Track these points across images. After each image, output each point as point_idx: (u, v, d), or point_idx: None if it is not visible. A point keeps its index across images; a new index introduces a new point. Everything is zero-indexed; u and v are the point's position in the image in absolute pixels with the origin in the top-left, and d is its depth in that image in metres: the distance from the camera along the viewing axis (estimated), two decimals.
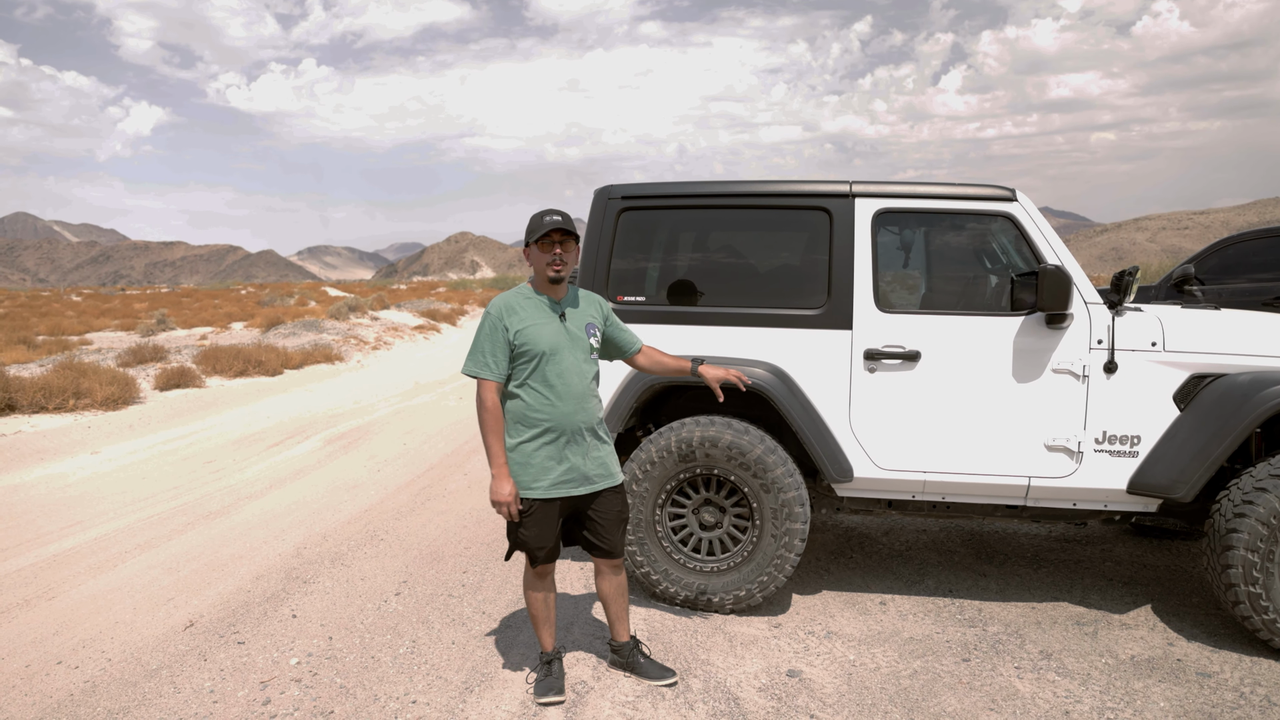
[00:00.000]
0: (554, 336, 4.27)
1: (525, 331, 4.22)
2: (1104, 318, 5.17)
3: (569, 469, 4.29)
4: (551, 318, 4.31)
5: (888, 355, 5.31)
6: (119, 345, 22.26)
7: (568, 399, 4.26)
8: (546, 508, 4.30)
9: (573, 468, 4.30)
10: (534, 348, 4.22)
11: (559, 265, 4.25)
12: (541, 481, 4.25)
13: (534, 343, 4.22)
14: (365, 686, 4.60)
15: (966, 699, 4.46)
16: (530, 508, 4.28)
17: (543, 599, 4.53)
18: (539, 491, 4.25)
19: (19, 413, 12.59)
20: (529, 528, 4.29)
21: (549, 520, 4.32)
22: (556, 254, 4.24)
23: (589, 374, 4.39)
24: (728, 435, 5.30)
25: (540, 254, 4.26)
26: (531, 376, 4.25)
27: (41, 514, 7.97)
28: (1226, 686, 4.58)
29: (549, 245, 4.24)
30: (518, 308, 4.29)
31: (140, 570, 6.40)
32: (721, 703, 4.42)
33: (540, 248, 4.25)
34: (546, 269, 4.25)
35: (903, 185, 5.46)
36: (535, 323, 4.26)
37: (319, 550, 6.84)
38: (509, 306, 4.28)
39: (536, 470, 4.25)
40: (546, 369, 4.24)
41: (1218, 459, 4.86)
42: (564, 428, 4.26)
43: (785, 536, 5.30)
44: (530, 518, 4.28)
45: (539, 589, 4.51)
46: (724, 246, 6.08)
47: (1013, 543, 7.02)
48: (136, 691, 4.57)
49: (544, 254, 4.25)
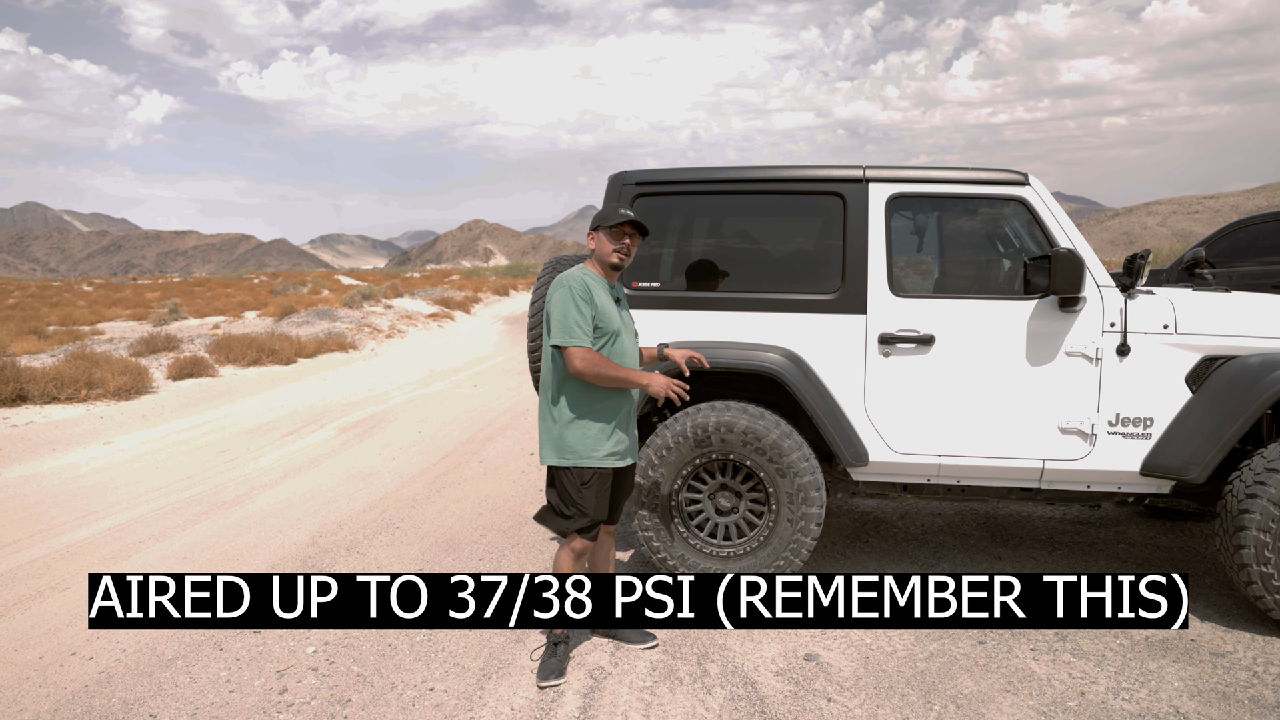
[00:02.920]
0: (617, 317, 4.52)
1: (603, 308, 4.45)
2: (1116, 301, 5.16)
3: (617, 442, 4.54)
4: (612, 300, 4.56)
5: (902, 339, 5.31)
6: (131, 335, 22.33)
7: None
8: (602, 478, 4.53)
9: (620, 441, 4.56)
10: (607, 326, 4.45)
11: (624, 254, 4.55)
12: (598, 451, 4.48)
13: (607, 321, 4.45)
14: (382, 674, 4.62)
15: (983, 680, 4.47)
16: (590, 477, 4.49)
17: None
18: (596, 460, 4.47)
19: (31, 403, 12.65)
20: (589, 498, 4.49)
21: (604, 489, 4.55)
22: (625, 243, 4.53)
23: (637, 355, 4.69)
24: (743, 420, 5.31)
25: (608, 240, 4.52)
26: (604, 352, 4.46)
27: (54, 505, 8.01)
28: (1240, 666, 4.59)
29: (619, 234, 4.52)
30: (594, 287, 4.47)
31: (154, 561, 6.43)
32: (739, 687, 4.43)
33: (610, 234, 4.52)
34: (612, 254, 4.53)
35: (916, 170, 5.45)
36: (606, 302, 4.48)
37: (334, 539, 6.86)
38: (587, 284, 4.46)
39: (594, 441, 4.48)
40: (615, 347, 4.49)
41: (1230, 440, 4.86)
42: (621, 404, 4.54)
43: (801, 521, 5.30)
44: (589, 487, 4.49)
45: (574, 567, 4.61)
46: (738, 232, 6.08)
47: (1027, 525, 7.03)
48: (152, 682, 4.60)
49: (613, 241, 4.52)
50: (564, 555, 4.57)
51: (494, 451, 9.98)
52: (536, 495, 8.03)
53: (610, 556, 5.00)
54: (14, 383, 12.52)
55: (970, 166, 5.45)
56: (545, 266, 5.93)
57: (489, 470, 9.07)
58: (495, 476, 8.80)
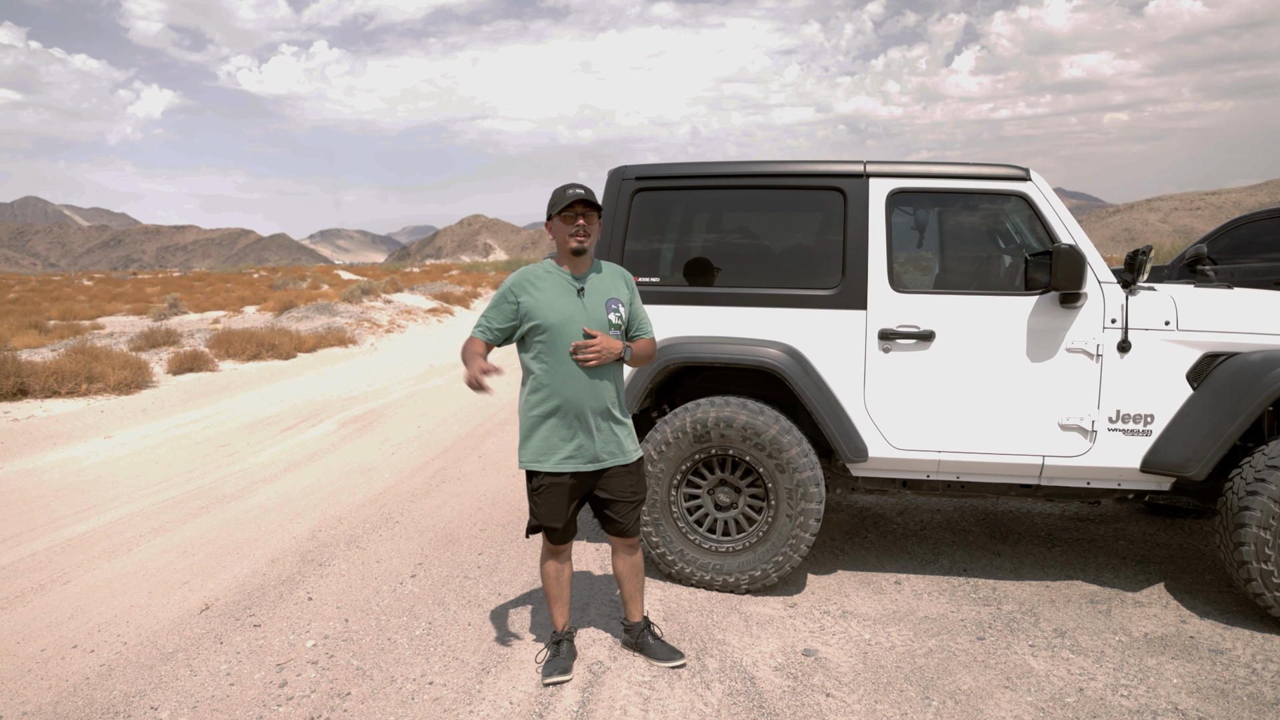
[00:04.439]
0: (567, 311, 4.25)
1: (536, 306, 4.24)
2: (1118, 297, 5.16)
3: (577, 447, 4.31)
4: (568, 292, 4.30)
5: (902, 335, 5.31)
6: (131, 329, 22.32)
7: (579, 376, 4.25)
8: (556, 483, 4.32)
9: (581, 446, 4.32)
10: (542, 322, 4.23)
11: (582, 236, 4.24)
12: (550, 456, 4.29)
13: (543, 317, 4.23)
14: (382, 668, 4.63)
15: (981, 677, 4.47)
16: (541, 483, 4.33)
17: (556, 576, 4.57)
18: (546, 465, 4.29)
19: (31, 397, 12.65)
20: (540, 503, 4.35)
21: (559, 496, 4.34)
22: (580, 225, 4.23)
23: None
24: (742, 416, 5.31)
25: (563, 226, 4.25)
26: (544, 350, 4.27)
27: (55, 498, 8.01)
28: (1239, 663, 4.59)
29: (572, 217, 4.23)
30: (534, 280, 4.30)
31: (155, 554, 6.43)
32: (737, 682, 4.43)
33: (563, 220, 4.24)
34: (570, 240, 4.24)
35: (917, 165, 5.45)
36: (550, 297, 4.26)
37: (334, 533, 6.87)
38: (526, 278, 4.32)
39: (543, 445, 4.30)
40: (558, 344, 4.24)
41: (1230, 437, 4.86)
42: (573, 406, 4.27)
43: (800, 516, 5.31)
44: (540, 494, 4.34)
45: (553, 566, 4.56)
46: (738, 227, 6.08)
47: (1026, 522, 7.03)
48: (153, 675, 4.60)
49: (567, 225, 4.24)
50: (541, 556, 4.59)
51: (493, 446, 9.99)
52: None
53: (628, 572, 4.64)
54: (15, 377, 12.53)
55: (971, 162, 5.45)
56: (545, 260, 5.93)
57: (488, 465, 9.08)
58: (494, 471, 8.81)
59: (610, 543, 4.64)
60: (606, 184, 5.74)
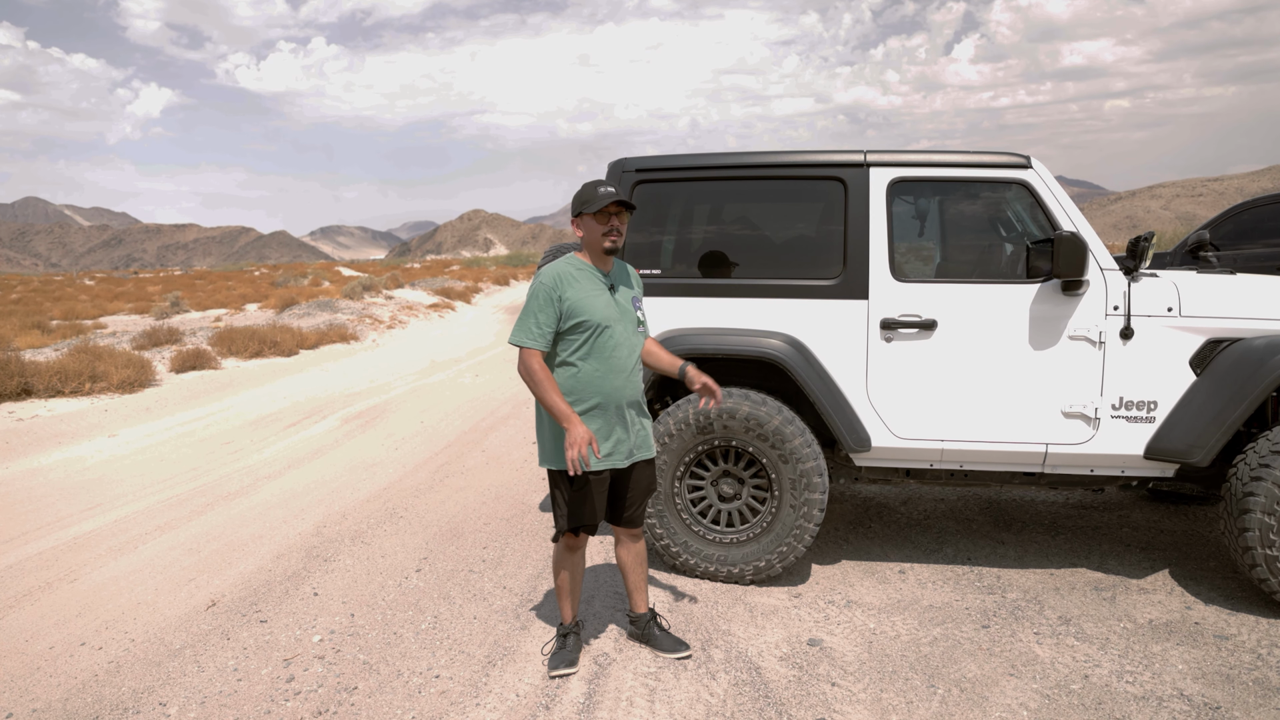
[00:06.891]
0: (606, 309, 4.27)
1: (580, 302, 4.21)
2: (1120, 284, 5.16)
3: (616, 442, 4.32)
4: (603, 290, 4.30)
5: (904, 324, 5.31)
6: (133, 328, 22.33)
7: (619, 373, 4.27)
8: (599, 481, 4.32)
9: (620, 441, 4.33)
10: (589, 319, 4.21)
11: (616, 236, 4.25)
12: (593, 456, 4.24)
13: (588, 314, 4.21)
14: (388, 662, 4.64)
15: (986, 665, 4.48)
16: (584, 482, 4.28)
17: (571, 572, 4.56)
18: (591, 464, 4.20)
19: (35, 397, 12.65)
20: (582, 502, 4.31)
21: (600, 493, 4.35)
22: (614, 224, 4.23)
23: (638, 347, 4.42)
24: (745, 406, 5.31)
25: (596, 225, 4.24)
26: (584, 348, 4.24)
27: (60, 497, 8.02)
28: (1244, 648, 4.59)
29: (605, 216, 4.22)
30: (572, 278, 4.26)
31: (161, 551, 6.44)
32: (743, 672, 4.44)
33: (596, 219, 4.23)
34: (603, 240, 4.25)
35: (917, 154, 5.44)
36: (589, 294, 4.25)
37: (339, 529, 6.88)
38: (563, 276, 4.25)
39: None
40: (599, 341, 4.24)
41: (1234, 423, 4.86)
42: (613, 401, 4.27)
43: (804, 507, 5.31)
44: (583, 491, 4.30)
45: (570, 562, 4.54)
46: (739, 218, 6.07)
47: (1030, 510, 7.03)
48: (160, 671, 4.61)
49: (600, 224, 4.23)
50: (555, 552, 4.56)
51: (496, 441, 10.00)
52: (539, 484, 8.04)
53: (633, 561, 4.67)
54: (18, 377, 12.53)
55: (972, 150, 5.44)
56: (545, 255, 5.93)
57: (491, 459, 9.08)
58: (498, 465, 8.81)
59: (614, 533, 4.65)
60: (607, 177, 5.74)
